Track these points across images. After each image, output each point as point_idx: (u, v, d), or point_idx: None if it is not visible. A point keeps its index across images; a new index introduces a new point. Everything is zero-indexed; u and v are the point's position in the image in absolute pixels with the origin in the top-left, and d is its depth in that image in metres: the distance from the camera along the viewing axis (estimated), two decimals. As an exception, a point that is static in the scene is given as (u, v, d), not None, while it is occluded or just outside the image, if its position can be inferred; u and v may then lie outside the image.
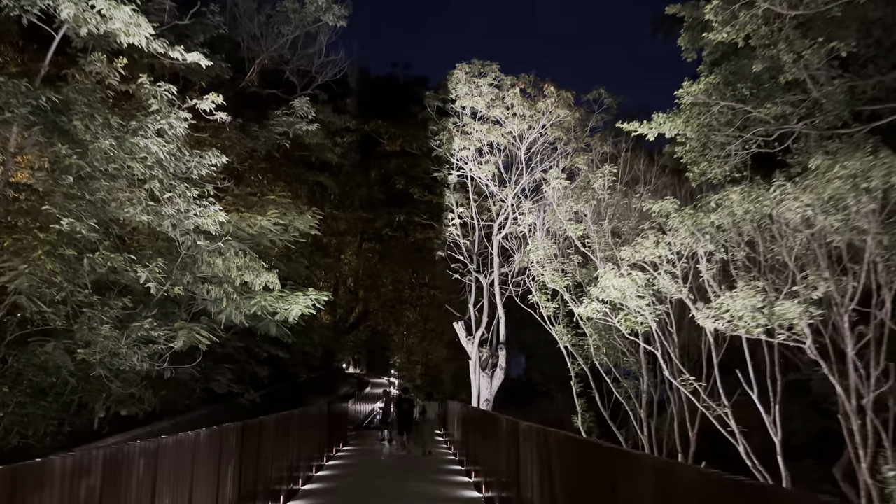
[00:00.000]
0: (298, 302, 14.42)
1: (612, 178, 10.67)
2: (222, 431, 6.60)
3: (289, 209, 16.14)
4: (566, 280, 11.06)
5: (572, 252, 11.42)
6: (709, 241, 7.17)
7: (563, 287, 11.12)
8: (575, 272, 11.00)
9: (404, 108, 22.11)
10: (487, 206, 20.79)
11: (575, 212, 10.89)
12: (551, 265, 11.40)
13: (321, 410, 14.50)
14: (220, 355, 17.39)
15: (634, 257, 7.76)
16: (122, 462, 4.00)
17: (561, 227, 11.48)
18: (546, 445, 5.86)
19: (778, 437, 7.41)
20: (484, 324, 20.69)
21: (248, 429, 7.63)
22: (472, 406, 16.57)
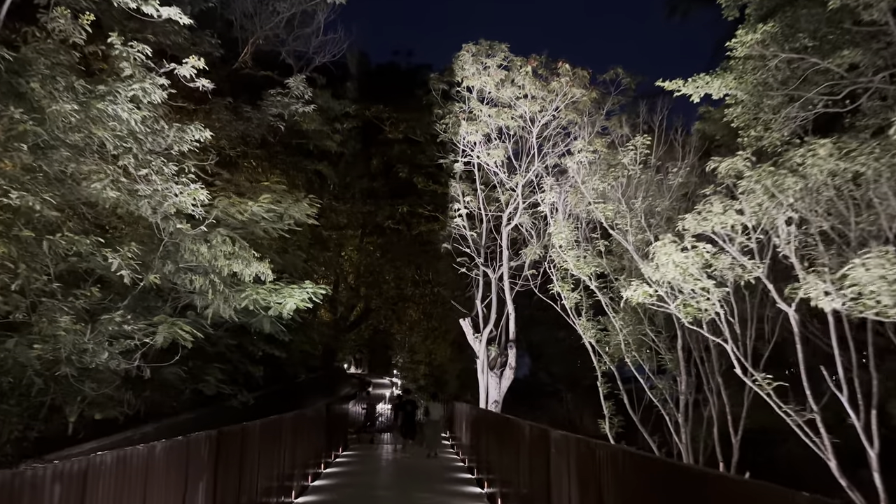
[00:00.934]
0: (293, 295, 13.23)
1: (644, 152, 9.49)
2: (189, 442, 5.43)
3: (284, 196, 14.95)
4: (592, 266, 9.85)
5: (598, 237, 10.24)
6: (789, 207, 5.93)
7: (588, 275, 9.93)
8: (601, 258, 9.79)
9: (407, 93, 20.94)
10: (496, 197, 19.61)
11: (601, 191, 9.70)
12: (574, 251, 10.19)
13: (318, 413, 13.32)
14: (211, 354, 16.22)
15: (700, 227, 6.51)
16: (20, 494, 2.81)
17: (585, 207, 10.27)
18: (592, 461, 4.69)
19: (875, 449, 6.14)
20: (492, 320, 19.50)
21: (227, 437, 6.46)
22: (483, 408, 15.39)
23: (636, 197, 9.16)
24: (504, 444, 9.00)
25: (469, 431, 14.42)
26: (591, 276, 9.96)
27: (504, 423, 9.09)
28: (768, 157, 7.24)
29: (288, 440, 9.62)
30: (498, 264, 19.40)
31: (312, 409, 12.93)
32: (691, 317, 6.88)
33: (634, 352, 9.77)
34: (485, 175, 19.80)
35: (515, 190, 18.16)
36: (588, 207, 10.14)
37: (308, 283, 13.83)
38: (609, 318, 10.66)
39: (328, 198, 22.14)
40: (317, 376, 29.10)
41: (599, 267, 9.90)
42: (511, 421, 8.52)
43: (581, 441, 5.34)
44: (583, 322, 10.85)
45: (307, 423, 11.74)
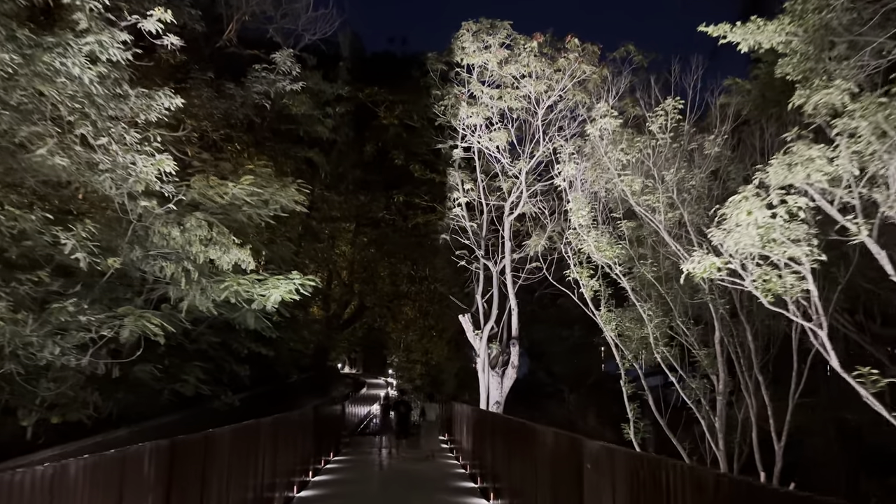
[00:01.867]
0: (279, 286, 12.06)
1: (676, 117, 8.35)
2: (125, 458, 4.25)
3: (269, 181, 13.75)
4: (615, 249, 8.69)
5: (619, 217, 9.09)
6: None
7: (611, 259, 8.77)
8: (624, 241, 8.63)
9: (403, 75, 19.77)
10: (497, 186, 18.46)
11: (625, 164, 8.55)
12: (595, 231, 9.03)
13: (306, 416, 12.15)
14: (191, 352, 15.03)
15: (789, 178, 5.31)
16: None
17: (605, 184, 9.12)
18: (654, 488, 3.54)
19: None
20: (493, 316, 18.34)
21: (184, 448, 5.29)
22: (488, 411, 14.22)
23: (666, 169, 8.02)
24: (516, 453, 7.88)
25: (471, 435, 13.27)
26: (615, 261, 8.80)
27: (517, 429, 7.95)
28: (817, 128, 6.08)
29: (267, 447, 8.45)
30: (500, 256, 18.25)
31: (299, 412, 11.76)
32: (772, 295, 5.73)
33: (663, 346, 8.64)
34: (486, 164, 18.67)
35: (519, 177, 17.01)
36: (607, 184, 8.99)
37: (295, 274, 12.67)
38: (625, 310, 9.52)
39: (320, 187, 20.97)
40: (309, 376, 27.91)
41: (623, 250, 8.74)
42: (527, 427, 7.38)
43: (635, 457, 4.17)
44: (603, 314, 9.69)
45: (292, 426, 10.57)
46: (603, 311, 9.69)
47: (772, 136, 7.58)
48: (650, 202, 8.11)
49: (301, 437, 11.35)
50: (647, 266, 8.56)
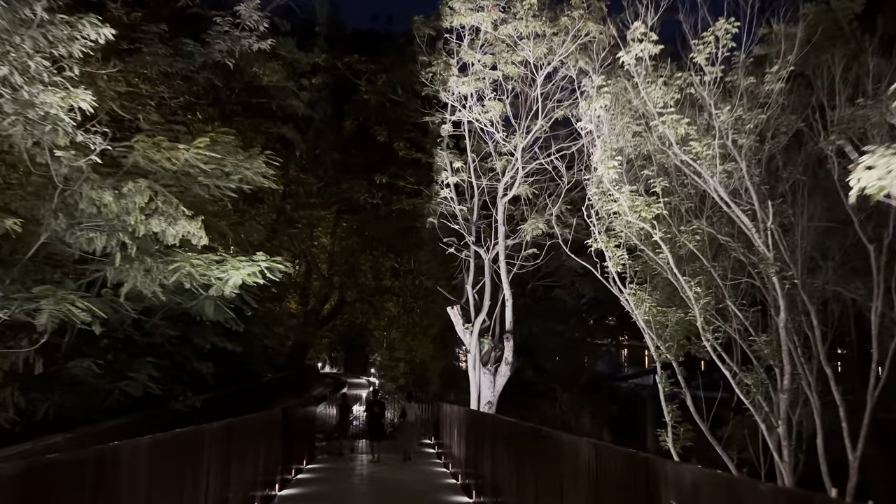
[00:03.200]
0: (239, 268, 10.33)
1: (729, 44, 6.73)
2: None
3: (233, 150, 11.99)
4: (654, 209, 7.03)
5: (653, 174, 7.45)
6: None
7: (649, 222, 7.11)
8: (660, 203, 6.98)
9: (387, 43, 18.06)
10: (489, 167, 16.82)
11: (663, 105, 6.93)
12: (628, 187, 7.35)
13: (272, 419, 10.42)
14: (143, 346, 13.22)
15: None
16: None
17: (641, 127, 7.48)
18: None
19: None
20: (485, 308, 16.70)
21: (48, 474, 3.54)
22: (487, 413, 12.52)
23: (717, 109, 6.43)
24: (528, 465, 6.27)
25: (463, 439, 11.61)
26: (654, 225, 7.16)
27: (533, 437, 6.30)
28: None
29: (215, 459, 6.74)
30: (492, 243, 16.60)
31: (262, 415, 10.01)
32: None
33: (710, 334, 7.04)
34: (476, 143, 17.03)
35: (514, 153, 15.38)
36: (639, 131, 7.39)
37: (260, 256, 10.94)
38: (654, 290, 7.92)
39: (295, 169, 19.19)
40: (285, 375, 26.09)
41: (665, 210, 7.09)
42: (548, 436, 5.74)
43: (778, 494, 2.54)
44: (635, 293, 8.04)
45: (252, 432, 8.85)
46: (634, 291, 8.06)
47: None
48: (697, 151, 6.50)
49: (265, 444, 9.63)
50: (688, 234, 6.98)
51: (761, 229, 6.56)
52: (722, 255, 7.49)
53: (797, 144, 7.60)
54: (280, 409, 10.78)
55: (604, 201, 7.95)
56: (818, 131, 6.65)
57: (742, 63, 6.66)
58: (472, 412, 11.88)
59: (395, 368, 29.19)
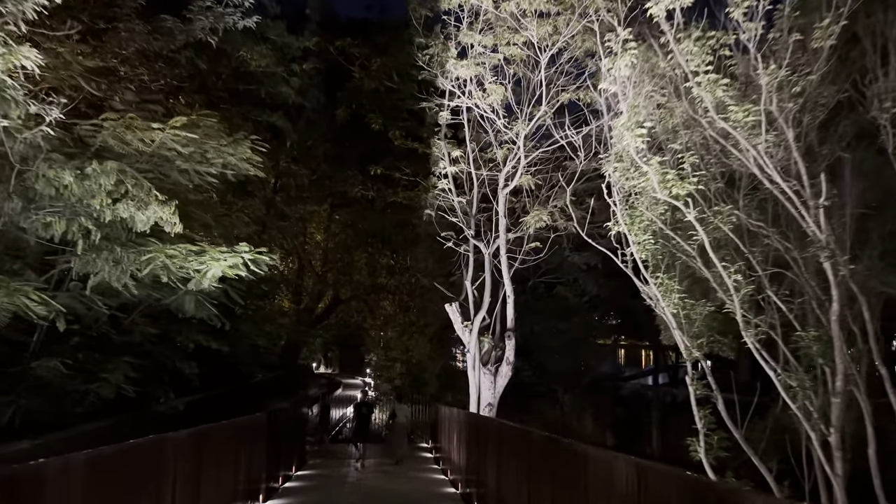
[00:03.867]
0: (220, 259, 9.48)
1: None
2: None
3: (216, 134, 11.16)
4: (688, 184, 6.16)
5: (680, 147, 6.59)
6: None
7: (683, 199, 6.24)
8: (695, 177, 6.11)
9: (381, 27, 17.20)
10: (489, 157, 16.00)
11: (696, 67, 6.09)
12: (657, 158, 6.49)
13: (255, 424, 9.56)
14: (119, 344, 12.36)
15: None
16: None
17: (669, 90, 6.61)
18: None
19: None
20: (485, 305, 15.86)
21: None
22: (492, 418, 11.63)
23: (761, 68, 5.60)
24: (542, 480, 5.45)
25: (464, 446, 10.77)
26: (687, 203, 6.28)
27: (551, 449, 5.44)
28: None
29: (181, 472, 5.89)
30: (493, 236, 15.77)
31: (247, 419, 9.13)
32: None
33: (752, 329, 6.18)
34: (476, 133, 16.21)
35: (517, 141, 14.55)
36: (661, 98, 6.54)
37: (243, 246, 10.11)
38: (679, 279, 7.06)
39: (286, 160, 18.33)
40: (277, 376, 25.21)
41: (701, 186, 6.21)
42: (571, 449, 4.90)
43: None
44: (663, 282, 7.15)
45: (231, 438, 8.00)
46: (661, 280, 7.17)
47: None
48: (736, 118, 5.65)
49: (247, 451, 8.78)
50: (723, 216, 6.12)
51: (811, 208, 5.73)
52: (752, 243, 6.67)
53: (835, 117, 6.79)
54: (265, 412, 9.93)
55: (626, 178, 7.09)
56: (870, 99, 5.84)
57: (787, 17, 5.82)
58: (475, 416, 11.01)
59: (391, 369, 28.31)
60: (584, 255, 18.63)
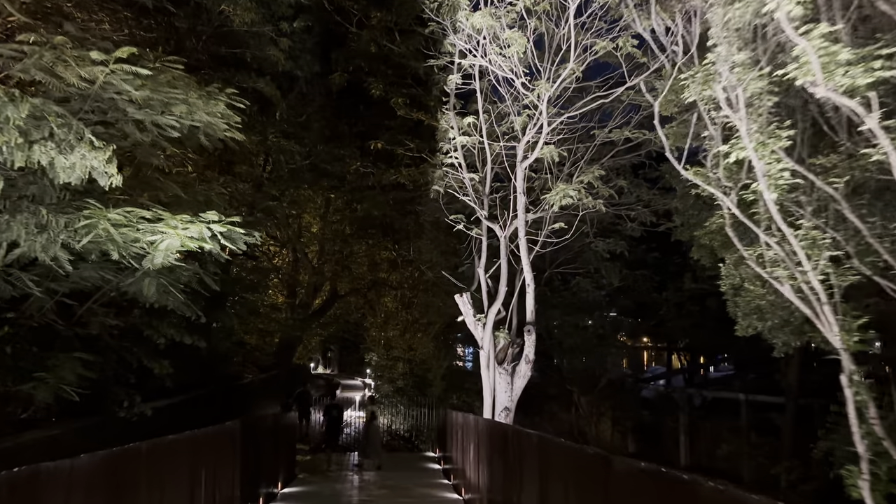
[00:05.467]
0: (177, 228, 7.52)
1: None
2: None
3: (181, 85, 9.21)
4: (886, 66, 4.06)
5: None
6: None
7: (863, 91, 4.20)
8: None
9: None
10: (505, 131, 14.08)
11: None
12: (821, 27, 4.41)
13: (224, 434, 7.58)
14: (68, 338, 10.39)
15: None
16: None
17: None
18: None
19: None
20: (501, 296, 13.90)
21: None
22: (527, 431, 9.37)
23: None
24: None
25: (486, 464, 8.74)
26: (867, 104, 4.24)
27: (646, 482, 3.49)
28: None
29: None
30: (511, 215, 13.79)
31: (211, 430, 7.14)
32: None
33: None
34: (490, 104, 14.32)
35: (538, 105, 12.59)
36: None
37: (212, 214, 8.14)
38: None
39: (275, 134, 16.35)
40: (268, 377, 23.24)
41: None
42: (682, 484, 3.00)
43: None
44: (805, 236, 5.06)
45: (187, 455, 6.05)
46: (806, 232, 5.10)
47: None
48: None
49: (210, 471, 6.82)
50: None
51: None
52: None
53: None
54: (238, 419, 7.96)
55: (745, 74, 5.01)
56: None
57: None
58: (501, 427, 8.86)
59: (392, 369, 26.38)
60: (609, 241, 16.65)
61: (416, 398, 23.99)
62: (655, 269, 19.20)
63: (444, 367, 26.04)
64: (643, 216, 15.92)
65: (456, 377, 26.13)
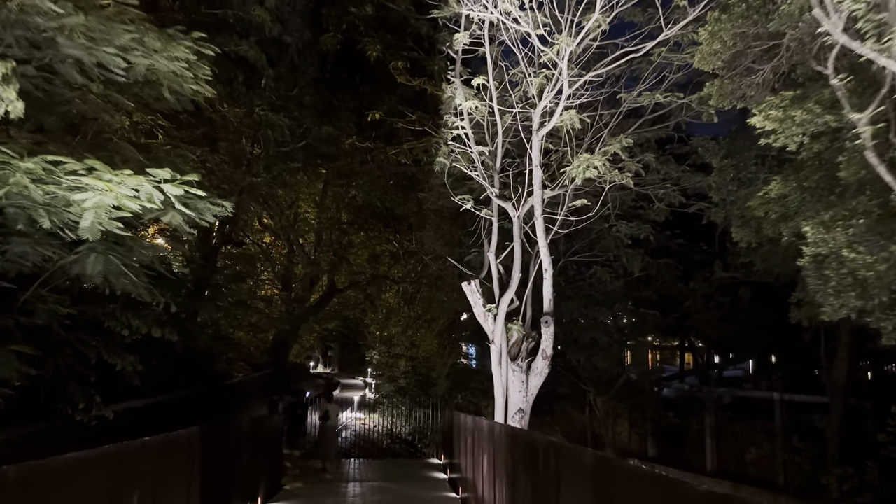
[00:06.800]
0: (112, 183, 5.92)
1: None
2: None
3: (136, 27, 7.68)
4: None
5: None
6: None
7: None
8: None
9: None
10: (519, 97, 12.47)
11: None
12: None
13: (172, 448, 5.95)
14: (5, 329, 8.80)
15: None
16: None
17: None
18: None
19: None
20: (514, 284, 12.26)
21: None
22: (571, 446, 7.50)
23: None
24: None
25: (505, 479, 7.07)
26: None
27: None
28: None
29: None
30: (525, 192, 12.18)
31: (153, 443, 5.51)
32: None
33: None
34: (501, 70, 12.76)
35: (559, 63, 10.97)
36: None
37: (163, 171, 6.56)
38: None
39: (262, 106, 14.78)
40: (261, 376, 21.65)
41: None
42: None
43: None
44: None
45: (108, 477, 4.44)
46: None
47: None
48: None
49: (152, 494, 5.21)
50: None
51: None
52: None
53: None
54: (199, 427, 6.35)
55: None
56: None
57: None
58: (529, 438, 6.86)
59: (393, 367, 24.83)
60: (632, 225, 15.02)
61: (420, 398, 22.44)
62: (680, 258, 17.53)
63: (449, 365, 24.52)
64: (671, 196, 14.28)
65: (461, 376, 24.62)
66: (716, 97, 10.22)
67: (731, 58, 9.96)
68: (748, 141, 12.82)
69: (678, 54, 11.44)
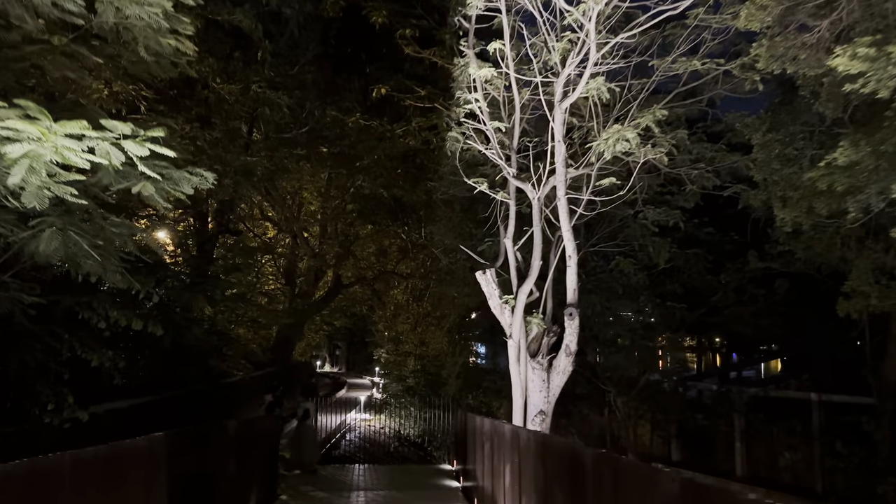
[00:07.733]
0: (50, 129, 4.82)
1: None
2: None
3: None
4: None
5: None
6: None
7: None
8: None
9: None
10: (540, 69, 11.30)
11: None
12: None
13: (136, 456, 4.85)
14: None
15: None
16: None
17: None
18: None
19: None
20: (534, 273, 11.07)
21: None
22: (638, 463, 6.15)
23: None
24: None
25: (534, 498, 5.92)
26: None
27: None
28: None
29: None
30: (546, 171, 10.98)
31: (93, 453, 4.38)
32: None
33: None
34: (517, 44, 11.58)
35: (586, 25, 9.79)
36: None
37: (123, 125, 5.44)
38: None
39: (259, 83, 13.68)
40: (262, 374, 20.59)
41: None
42: None
43: None
44: None
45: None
46: None
47: None
48: None
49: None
50: None
51: None
52: None
53: None
54: (164, 433, 5.26)
55: None
56: None
57: None
58: (568, 448, 5.57)
59: (402, 365, 23.75)
60: (660, 211, 13.81)
61: (429, 398, 21.31)
62: (710, 248, 16.30)
63: (460, 363, 23.44)
64: (703, 179, 13.06)
65: (473, 375, 23.51)
66: (765, 59, 9.06)
67: (781, 13, 8.82)
68: (790, 116, 11.66)
69: (717, 16, 10.28)
